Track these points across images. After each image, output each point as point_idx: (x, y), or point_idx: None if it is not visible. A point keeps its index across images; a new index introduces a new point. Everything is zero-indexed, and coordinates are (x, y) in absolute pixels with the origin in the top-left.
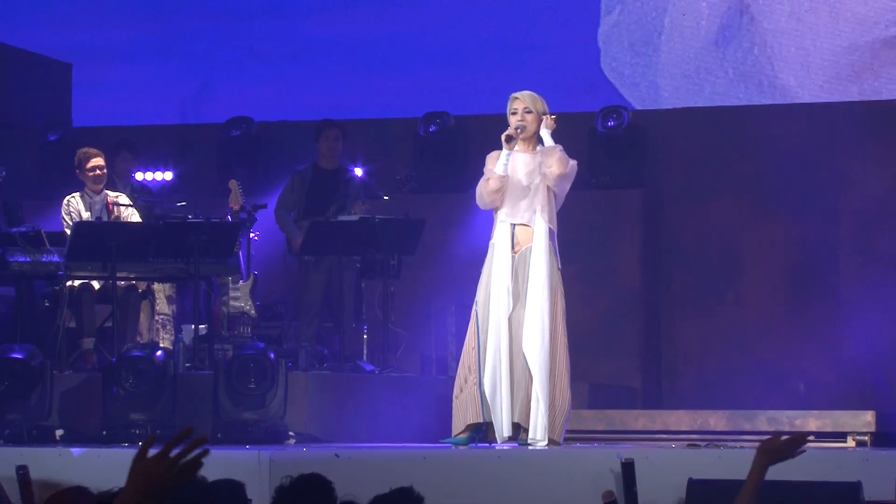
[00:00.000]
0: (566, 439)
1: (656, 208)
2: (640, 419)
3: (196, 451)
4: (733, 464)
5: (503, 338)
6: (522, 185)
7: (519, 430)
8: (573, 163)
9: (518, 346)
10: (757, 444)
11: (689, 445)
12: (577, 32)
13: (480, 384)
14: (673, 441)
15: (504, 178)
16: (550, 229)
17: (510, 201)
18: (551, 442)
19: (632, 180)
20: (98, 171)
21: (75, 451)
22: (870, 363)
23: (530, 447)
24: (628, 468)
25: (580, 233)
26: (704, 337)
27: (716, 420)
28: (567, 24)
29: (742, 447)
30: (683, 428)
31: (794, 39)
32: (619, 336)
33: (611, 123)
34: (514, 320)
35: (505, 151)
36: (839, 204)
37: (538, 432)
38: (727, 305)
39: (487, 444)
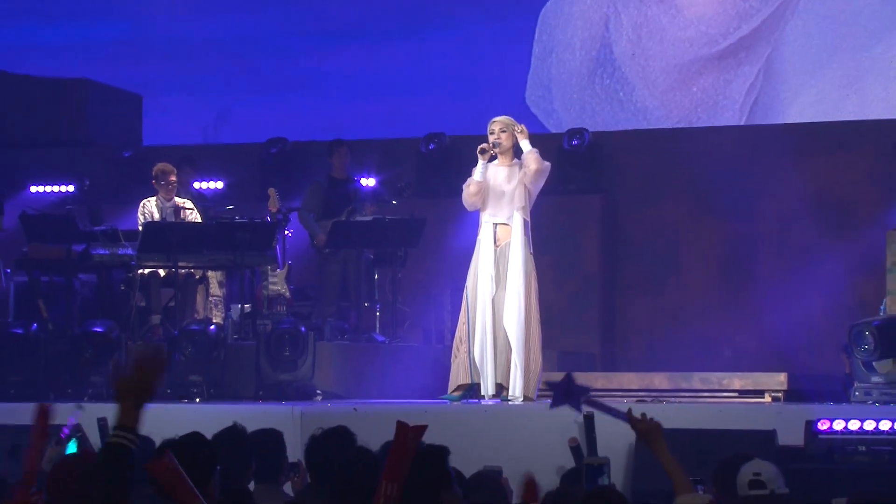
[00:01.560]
0: (539, 396)
1: (612, 210)
2: (598, 380)
3: (158, 356)
4: (673, 415)
5: (488, 315)
6: (502, 190)
7: (501, 389)
8: (547, 164)
9: (500, 322)
10: (693, 400)
11: (637, 401)
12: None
13: (470, 352)
14: (625, 397)
15: (481, 183)
16: (525, 221)
17: (492, 205)
18: (526, 398)
19: (592, 188)
20: (172, 185)
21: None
22: (784, 333)
23: (510, 403)
24: (589, 420)
25: (552, 230)
26: (650, 313)
27: (659, 380)
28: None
29: (680, 402)
30: (633, 387)
31: (636, 61)
32: (582, 313)
33: (575, 142)
34: (496, 301)
35: (481, 161)
36: (759, 207)
37: (516, 391)
38: (669, 288)
39: (476, 401)
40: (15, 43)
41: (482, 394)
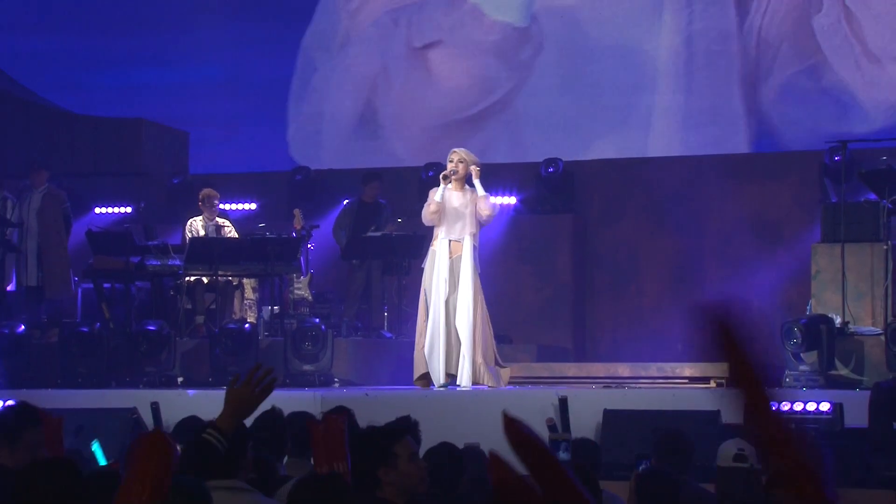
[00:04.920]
0: (520, 383)
1: (582, 227)
2: (571, 369)
3: (268, 378)
4: (634, 398)
5: (442, 315)
6: (456, 212)
7: (453, 379)
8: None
9: (453, 322)
10: (651, 386)
11: (604, 387)
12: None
13: (425, 346)
14: (593, 384)
15: (440, 204)
16: (474, 245)
17: (447, 223)
18: (475, 383)
19: (565, 208)
20: (216, 206)
21: (191, 392)
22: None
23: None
24: (563, 402)
25: (531, 244)
26: (615, 314)
27: (622, 369)
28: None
29: (640, 387)
30: (601, 375)
31: (397, 121)
32: (558, 313)
33: (550, 170)
34: (450, 303)
35: (442, 185)
36: (704, 225)
37: (463, 380)
38: (630, 292)
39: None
40: (83, 88)
41: (432, 382)
